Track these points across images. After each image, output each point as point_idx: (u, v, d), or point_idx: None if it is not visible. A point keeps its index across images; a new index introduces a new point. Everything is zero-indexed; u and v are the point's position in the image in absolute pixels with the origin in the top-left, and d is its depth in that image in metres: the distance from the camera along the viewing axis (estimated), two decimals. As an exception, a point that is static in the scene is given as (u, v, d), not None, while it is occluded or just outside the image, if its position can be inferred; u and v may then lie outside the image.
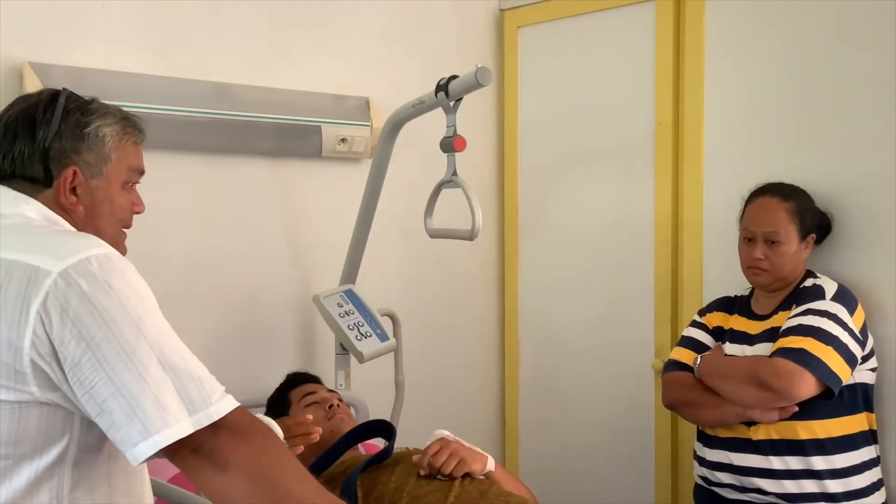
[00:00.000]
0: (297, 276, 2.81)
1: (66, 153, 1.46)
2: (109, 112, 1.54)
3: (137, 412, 1.24)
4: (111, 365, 1.24)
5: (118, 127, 1.53)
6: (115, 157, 1.52)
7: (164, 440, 1.24)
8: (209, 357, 2.62)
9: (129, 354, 1.25)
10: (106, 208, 1.53)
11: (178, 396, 1.27)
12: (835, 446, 2.20)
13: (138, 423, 1.24)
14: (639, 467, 2.94)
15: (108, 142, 1.51)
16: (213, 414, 1.29)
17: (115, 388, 1.24)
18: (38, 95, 1.51)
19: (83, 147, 1.48)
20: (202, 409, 1.28)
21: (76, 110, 1.49)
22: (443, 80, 2.17)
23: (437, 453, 2.02)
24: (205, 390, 1.31)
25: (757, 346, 2.30)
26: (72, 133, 1.47)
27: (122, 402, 1.24)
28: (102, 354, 1.25)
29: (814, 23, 2.47)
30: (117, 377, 1.24)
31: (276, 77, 2.70)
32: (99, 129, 1.50)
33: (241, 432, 1.32)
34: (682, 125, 2.77)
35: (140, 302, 1.31)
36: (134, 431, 1.24)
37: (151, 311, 1.33)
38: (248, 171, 2.69)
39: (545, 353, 3.24)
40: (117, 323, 1.26)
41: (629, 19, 2.89)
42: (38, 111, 1.47)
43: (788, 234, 2.29)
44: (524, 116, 3.24)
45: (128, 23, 2.40)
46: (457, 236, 2.30)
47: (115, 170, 1.53)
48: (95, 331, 1.25)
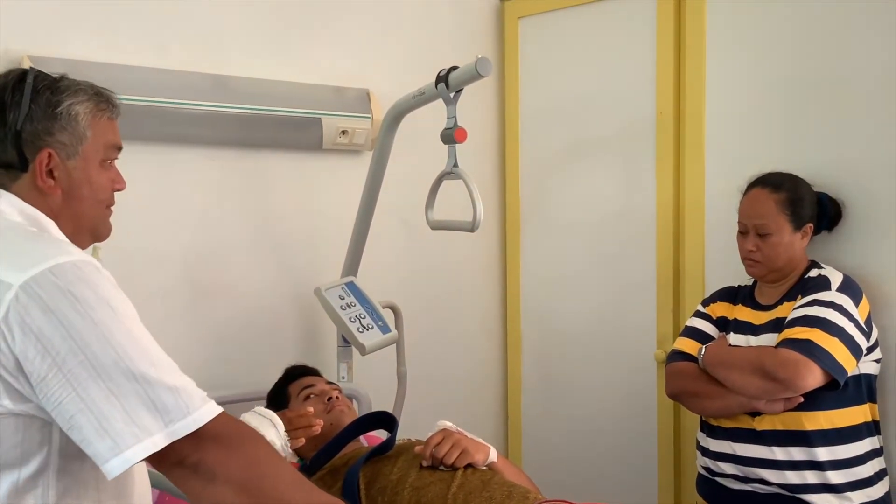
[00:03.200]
0: (299, 269, 2.80)
1: (38, 135, 1.40)
2: (80, 89, 1.46)
3: (107, 428, 1.20)
4: (78, 380, 1.20)
5: (91, 104, 1.46)
6: (91, 135, 1.45)
7: (136, 456, 1.20)
8: (212, 351, 2.65)
9: (97, 368, 1.20)
10: (85, 190, 1.46)
11: (150, 408, 1.22)
12: (839, 437, 2.19)
13: (108, 439, 1.20)
14: (641, 458, 2.94)
15: (82, 120, 1.44)
16: (191, 424, 1.24)
17: (83, 403, 1.20)
18: (4, 77, 1.43)
19: (56, 127, 1.41)
20: (178, 419, 1.23)
21: (46, 89, 1.42)
22: (443, 71, 2.16)
23: (439, 444, 2.02)
24: (181, 399, 1.25)
25: (762, 337, 2.29)
26: (43, 114, 1.40)
27: (90, 418, 1.20)
28: (69, 369, 1.20)
29: (815, 12, 2.46)
30: (85, 392, 1.20)
31: (277, 69, 2.69)
32: (71, 108, 1.43)
33: (224, 441, 1.28)
34: (683, 115, 2.77)
35: (108, 310, 1.25)
36: (104, 448, 1.20)
37: (122, 318, 1.26)
38: (249, 164, 2.69)
39: (547, 344, 3.24)
40: (83, 335, 1.21)
41: (630, 9, 2.88)
42: (6, 93, 1.40)
43: (779, 224, 2.28)
44: (525, 107, 3.23)
45: (127, 15, 2.40)
46: (458, 228, 2.29)
47: (92, 148, 1.46)
48: (60, 345, 1.20)
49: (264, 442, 1.38)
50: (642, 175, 2.88)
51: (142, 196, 2.44)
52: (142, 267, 2.45)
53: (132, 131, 2.35)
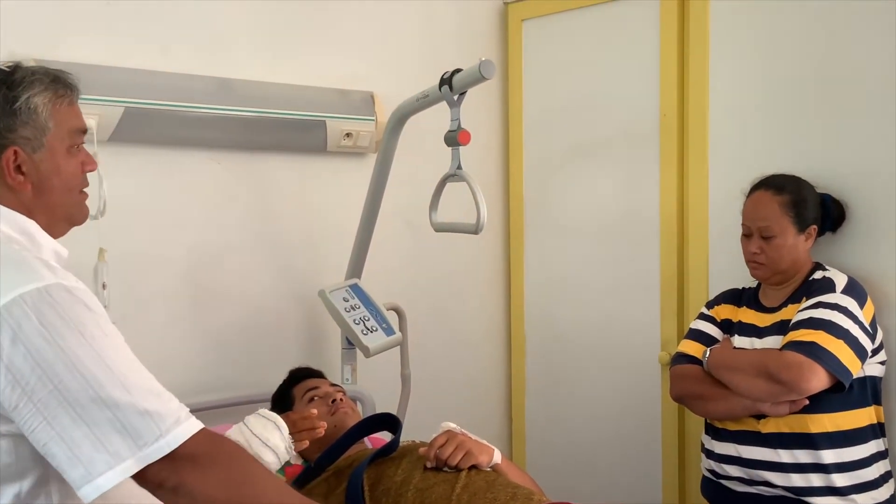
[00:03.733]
0: (303, 271, 2.81)
1: (1, 133, 1.39)
2: (36, 78, 1.43)
3: (78, 455, 1.20)
4: (48, 409, 1.20)
5: (49, 93, 1.43)
6: (53, 124, 1.43)
7: (108, 482, 1.21)
8: (215, 353, 2.65)
9: (66, 396, 1.20)
10: (55, 180, 1.44)
11: (122, 433, 1.22)
12: (844, 439, 2.19)
13: (80, 467, 1.20)
14: (646, 460, 2.94)
15: (42, 111, 1.42)
16: (164, 447, 1.24)
17: (54, 432, 1.21)
18: None
19: (17, 123, 1.40)
20: (150, 443, 1.23)
21: (1, 85, 1.40)
22: (447, 73, 2.16)
23: (443, 445, 2.02)
24: (152, 422, 1.24)
25: (766, 339, 2.29)
26: (2, 111, 1.39)
27: (62, 447, 1.21)
28: (38, 399, 1.20)
29: (818, 13, 2.46)
30: (55, 421, 1.20)
31: (281, 72, 2.69)
32: (30, 101, 1.41)
33: (202, 462, 1.27)
34: (686, 117, 2.77)
35: (77, 336, 1.24)
36: (77, 475, 1.21)
37: (92, 342, 1.25)
38: (253, 167, 2.69)
39: (551, 346, 3.24)
40: (52, 365, 1.21)
41: (633, 12, 2.88)
42: None
43: (782, 227, 2.28)
44: (529, 110, 3.23)
45: (132, 18, 2.40)
46: (462, 230, 2.29)
47: (56, 138, 1.44)
48: (29, 375, 1.20)
49: (246, 457, 1.37)
50: (646, 177, 2.88)
51: (146, 198, 2.45)
52: (146, 269, 2.46)
53: (136, 134, 2.38)
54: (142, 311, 2.44)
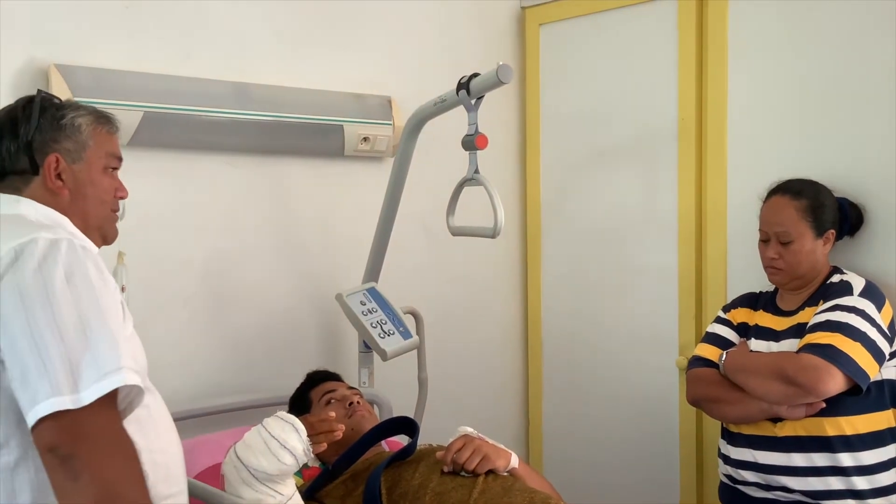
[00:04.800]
0: (320, 275, 2.82)
1: (46, 143, 1.59)
2: (82, 107, 1.66)
3: (29, 379, 1.29)
4: (13, 332, 1.32)
5: (91, 118, 1.65)
6: (93, 143, 1.63)
7: (46, 409, 1.27)
8: (234, 356, 2.66)
9: (30, 324, 1.31)
10: (89, 189, 1.63)
11: (68, 372, 1.30)
12: (862, 443, 2.18)
13: (29, 391, 1.29)
14: (663, 465, 2.93)
15: (84, 130, 1.63)
16: (96, 391, 1.31)
17: (13, 352, 1.31)
18: (15, 102, 1.64)
19: (62, 136, 1.60)
20: (87, 386, 1.30)
21: (51, 106, 1.62)
22: (464, 78, 2.17)
23: (460, 450, 2.02)
24: (100, 369, 1.32)
25: (783, 343, 2.28)
26: (50, 125, 1.60)
27: (17, 369, 1.31)
28: (9, 322, 1.32)
29: (836, 16, 2.45)
30: (16, 344, 1.31)
31: (299, 77, 2.71)
32: (74, 120, 1.62)
33: (109, 433, 1.34)
34: (705, 121, 2.76)
35: (63, 280, 1.35)
36: (25, 404, 1.30)
37: (76, 289, 1.36)
38: (271, 171, 2.70)
39: (568, 350, 3.23)
40: (31, 296, 1.33)
41: (651, 15, 2.88)
42: (17, 112, 1.60)
43: (800, 232, 2.27)
44: (546, 114, 3.23)
45: (151, 24, 2.42)
46: (479, 234, 2.30)
47: (95, 155, 1.63)
48: (9, 299, 1.33)
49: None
50: (664, 180, 2.88)
51: (165, 202, 2.47)
52: (165, 273, 2.47)
53: (155, 138, 2.39)
54: (160, 314, 2.45)
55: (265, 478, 1.82)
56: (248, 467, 1.82)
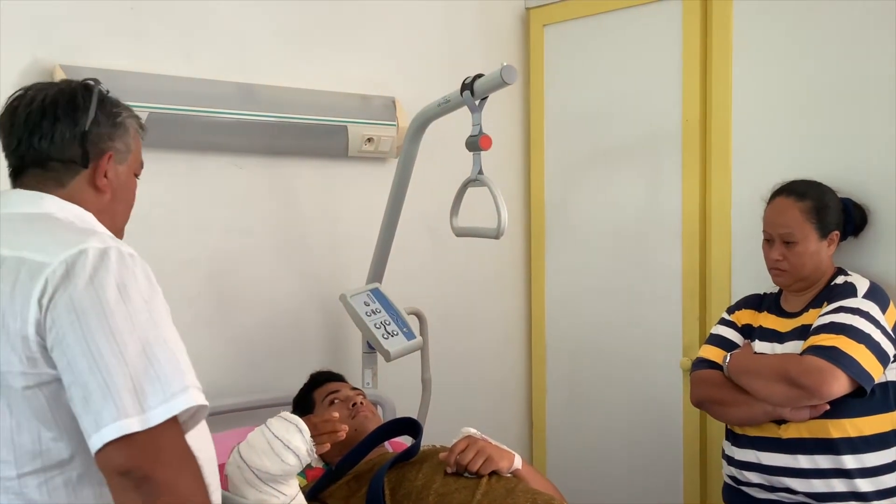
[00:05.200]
0: (324, 275, 2.82)
1: (103, 138, 1.54)
2: (128, 108, 1.63)
3: (91, 403, 1.26)
4: (73, 353, 1.28)
5: (136, 121, 1.63)
6: (134, 147, 1.62)
7: (111, 433, 1.24)
8: (237, 356, 2.67)
9: (89, 345, 1.27)
10: (125, 193, 1.61)
11: (132, 392, 1.27)
12: (866, 445, 2.18)
13: (92, 415, 1.26)
14: (667, 466, 2.93)
15: (131, 132, 1.60)
16: (165, 412, 1.28)
17: (73, 376, 1.27)
18: (67, 83, 1.56)
19: (116, 134, 1.56)
20: (154, 406, 1.28)
21: (108, 100, 1.58)
22: (468, 78, 2.17)
23: (463, 451, 2.02)
24: (165, 389, 1.30)
25: (787, 344, 2.28)
26: (107, 120, 1.55)
27: (79, 392, 1.27)
28: (67, 344, 1.28)
29: (841, 16, 2.45)
30: (76, 365, 1.27)
31: (303, 77, 2.71)
32: (126, 120, 1.59)
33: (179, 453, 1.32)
34: (709, 122, 2.76)
35: (118, 294, 1.31)
36: (88, 429, 1.27)
37: (130, 303, 1.32)
38: (275, 171, 2.71)
39: (572, 351, 3.23)
40: (87, 314, 1.28)
41: (656, 16, 2.88)
42: (78, 97, 1.53)
43: (804, 233, 2.27)
44: (550, 114, 3.23)
45: (156, 24, 2.43)
46: (483, 235, 2.30)
47: (133, 159, 1.62)
48: (65, 318, 1.29)
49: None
50: (668, 182, 2.88)
51: (169, 203, 2.47)
52: (169, 273, 2.47)
53: (160, 139, 2.39)
54: (165, 314, 2.45)
55: (269, 478, 1.83)
56: (251, 468, 1.82)
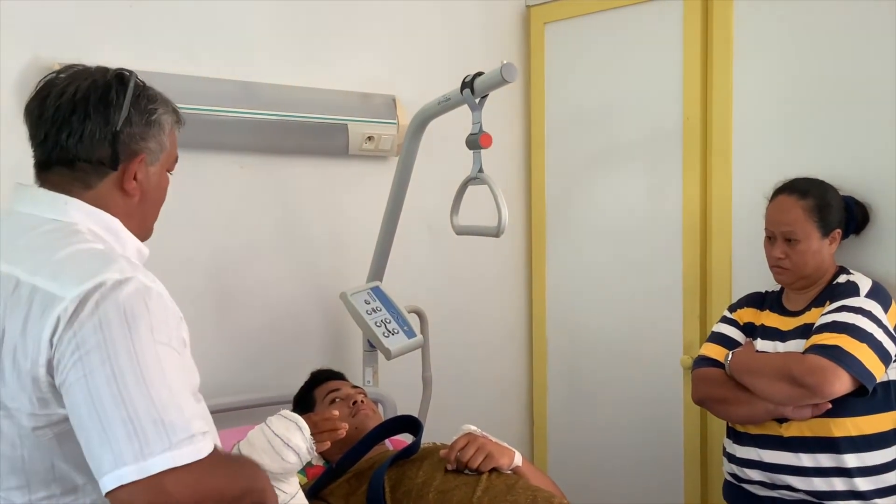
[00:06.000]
0: (325, 274, 2.82)
1: (135, 139, 1.45)
2: (166, 100, 1.54)
3: (93, 449, 1.21)
4: (73, 396, 1.22)
5: (173, 115, 1.54)
6: (169, 145, 1.53)
7: (110, 483, 1.20)
8: (238, 355, 2.66)
9: (90, 388, 1.21)
10: (156, 193, 1.54)
11: (130, 439, 1.20)
12: (867, 444, 2.18)
13: (93, 461, 1.22)
14: (668, 464, 2.93)
15: (166, 129, 1.51)
16: (169, 460, 1.21)
17: (76, 420, 1.23)
18: (101, 74, 1.47)
19: (149, 134, 1.47)
20: (156, 453, 1.20)
21: (143, 96, 1.48)
22: (468, 76, 2.17)
23: (464, 448, 2.02)
24: (172, 436, 1.22)
25: (789, 343, 2.28)
26: (140, 119, 1.46)
27: (82, 436, 1.22)
28: (69, 385, 1.23)
29: (842, 16, 2.45)
30: (76, 410, 1.22)
31: (304, 76, 2.71)
32: (161, 118, 1.49)
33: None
34: (710, 121, 2.76)
35: (125, 333, 1.25)
36: (94, 472, 1.22)
37: (135, 345, 1.25)
38: (276, 170, 2.71)
39: (573, 349, 3.23)
40: (90, 356, 1.22)
41: (657, 15, 2.88)
42: (111, 93, 1.43)
43: (807, 231, 2.27)
44: (551, 113, 3.23)
45: (156, 23, 2.43)
46: (483, 233, 2.30)
47: (167, 157, 1.53)
48: (71, 356, 1.22)
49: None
50: (669, 181, 2.88)
51: (170, 201, 2.44)
52: (170, 271, 2.44)
53: (161, 137, 2.39)
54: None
55: (269, 476, 1.82)
56: (251, 466, 1.82)
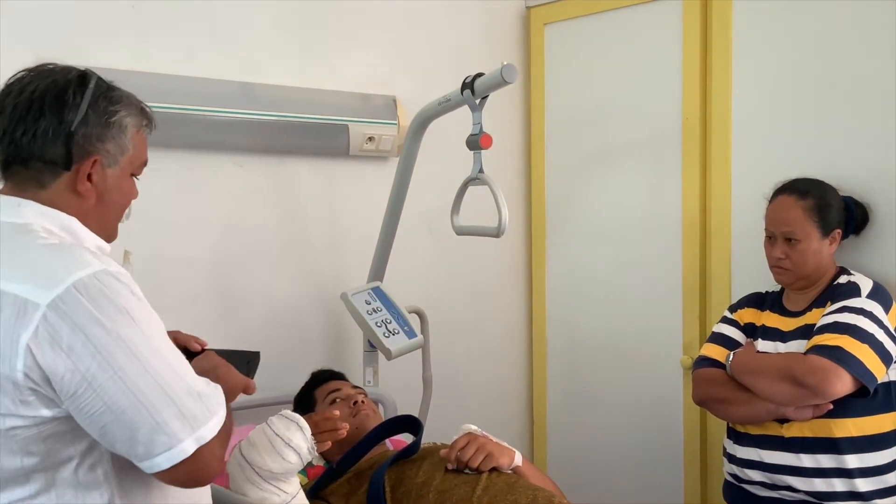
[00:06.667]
0: (325, 274, 2.82)
1: (90, 140, 1.43)
2: (131, 102, 1.52)
3: (139, 438, 1.28)
4: (108, 394, 1.26)
5: (138, 119, 1.52)
6: (132, 148, 1.50)
7: (167, 462, 1.29)
8: (238, 355, 2.65)
9: (125, 382, 1.27)
10: (115, 196, 1.50)
11: (179, 417, 1.30)
12: (868, 444, 2.18)
13: (140, 447, 1.28)
14: (668, 464, 2.93)
15: (128, 132, 1.49)
16: (215, 426, 1.34)
17: (114, 416, 1.27)
18: (63, 73, 1.46)
19: (107, 136, 1.45)
20: (204, 423, 1.32)
21: (103, 98, 1.46)
22: (468, 77, 2.17)
23: (464, 447, 2.03)
24: (203, 403, 1.34)
25: (790, 343, 2.28)
26: (98, 120, 1.44)
27: (122, 429, 1.27)
28: (99, 384, 1.26)
29: (841, 16, 2.45)
30: (115, 405, 1.26)
31: (304, 77, 2.71)
32: (123, 120, 1.48)
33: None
34: (709, 121, 2.76)
35: (129, 321, 1.30)
36: (137, 454, 1.29)
37: (143, 328, 1.32)
38: (277, 170, 2.71)
39: (573, 349, 3.23)
40: (111, 352, 1.27)
41: (656, 15, 2.88)
42: (68, 92, 1.42)
43: (806, 231, 2.27)
44: (551, 113, 3.23)
45: (157, 23, 2.43)
46: (483, 233, 2.30)
47: (129, 161, 1.50)
48: (90, 362, 1.26)
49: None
50: (669, 180, 2.88)
51: (170, 202, 2.47)
52: (170, 272, 2.48)
53: (161, 138, 2.36)
54: (166, 313, 2.43)
55: (270, 476, 1.83)
56: (252, 466, 1.83)
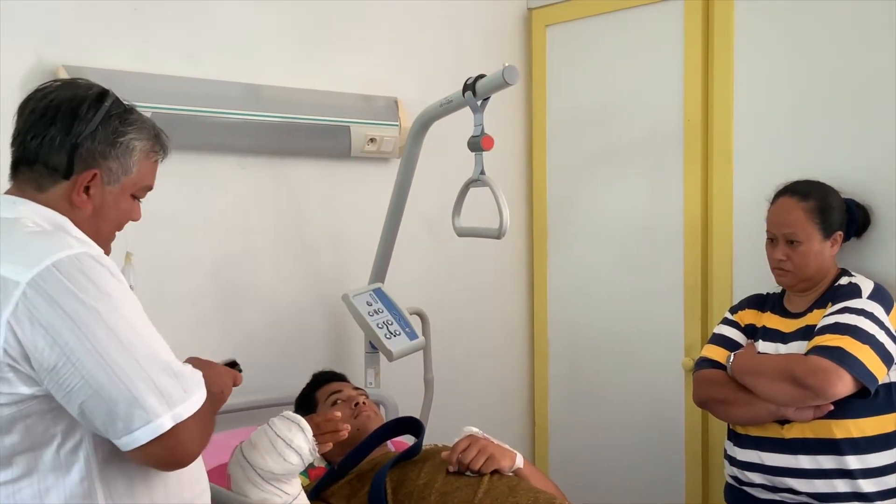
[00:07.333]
0: (327, 275, 2.82)
1: (94, 155, 1.48)
2: (145, 127, 1.56)
3: (117, 412, 1.30)
4: (86, 368, 1.29)
5: (149, 144, 1.56)
6: (136, 171, 1.54)
7: (144, 437, 1.31)
8: (241, 356, 2.65)
9: (104, 357, 1.30)
10: (112, 213, 1.55)
11: (156, 393, 1.32)
12: (869, 445, 2.18)
13: (119, 422, 1.30)
14: (669, 466, 2.93)
15: (135, 156, 1.54)
16: (192, 405, 1.36)
17: (91, 390, 1.29)
18: (86, 89, 1.52)
19: (112, 154, 1.50)
20: (180, 401, 1.34)
21: (116, 117, 1.51)
22: (470, 79, 2.17)
23: (466, 449, 2.03)
24: (180, 383, 1.36)
25: (791, 345, 2.28)
26: (105, 138, 1.49)
27: (100, 404, 1.30)
28: (77, 359, 1.29)
29: (843, 18, 2.45)
30: (93, 380, 1.29)
31: (306, 78, 2.71)
32: (131, 142, 1.52)
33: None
34: (711, 123, 2.76)
35: (108, 300, 1.34)
36: (115, 430, 1.31)
37: (121, 308, 1.35)
38: (279, 172, 2.71)
39: (574, 351, 3.23)
40: (90, 327, 1.30)
41: (658, 17, 2.88)
42: (83, 106, 1.48)
43: (808, 233, 2.27)
44: (552, 115, 3.24)
45: (159, 25, 2.43)
46: (485, 235, 2.30)
47: (131, 183, 1.55)
48: (68, 336, 1.29)
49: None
50: (670, 182, 2.88)
51: (174, 203, 2.47)
52: (173, 273, 2.48)
53: (164, 139, 2.40)
54: (167, 314, 2.45)
55: (271, 477, 1.83)
56: (254, 467, 1.83)
